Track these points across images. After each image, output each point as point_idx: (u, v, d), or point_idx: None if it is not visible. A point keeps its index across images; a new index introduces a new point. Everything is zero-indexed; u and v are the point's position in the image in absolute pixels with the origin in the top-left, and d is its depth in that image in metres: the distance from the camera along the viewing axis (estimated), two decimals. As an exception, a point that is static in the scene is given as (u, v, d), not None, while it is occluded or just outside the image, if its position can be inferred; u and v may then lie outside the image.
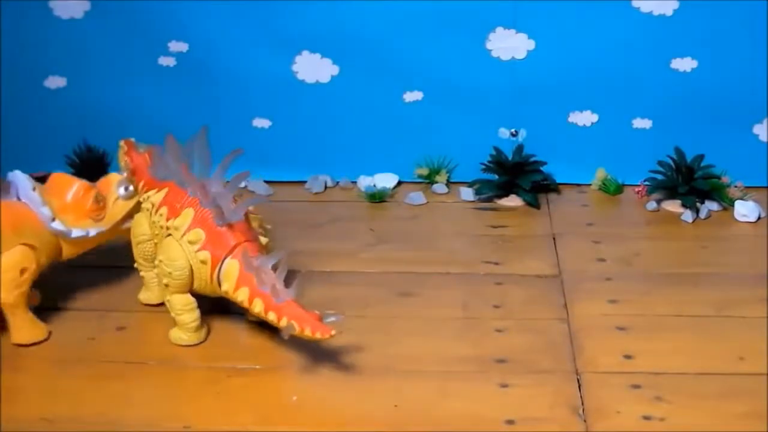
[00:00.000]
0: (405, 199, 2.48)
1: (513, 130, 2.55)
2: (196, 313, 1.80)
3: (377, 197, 2.48)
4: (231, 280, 1.70)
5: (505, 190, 2.48)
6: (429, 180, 2.57)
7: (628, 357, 1.75)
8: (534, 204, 2.45)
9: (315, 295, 1.99)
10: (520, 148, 2.52)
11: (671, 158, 2.43)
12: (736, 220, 2.35)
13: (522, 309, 1.94)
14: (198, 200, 1.76)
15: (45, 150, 2.59)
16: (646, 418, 1.57)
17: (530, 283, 2.05)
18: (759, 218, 2.35)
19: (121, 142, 1.98)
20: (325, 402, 1.63)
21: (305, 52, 2.51)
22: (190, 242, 1.73)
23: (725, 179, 2.43)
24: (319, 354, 1.77)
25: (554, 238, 2.27)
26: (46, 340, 1.85)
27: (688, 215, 2.35)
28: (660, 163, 2.44)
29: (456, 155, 2.58)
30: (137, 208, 1.93)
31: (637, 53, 2.45)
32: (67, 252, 1.92)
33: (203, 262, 1.72)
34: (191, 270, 1.74)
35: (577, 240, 2.25)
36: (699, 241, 2.25)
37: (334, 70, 2.53)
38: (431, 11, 2.45)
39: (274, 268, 1.67)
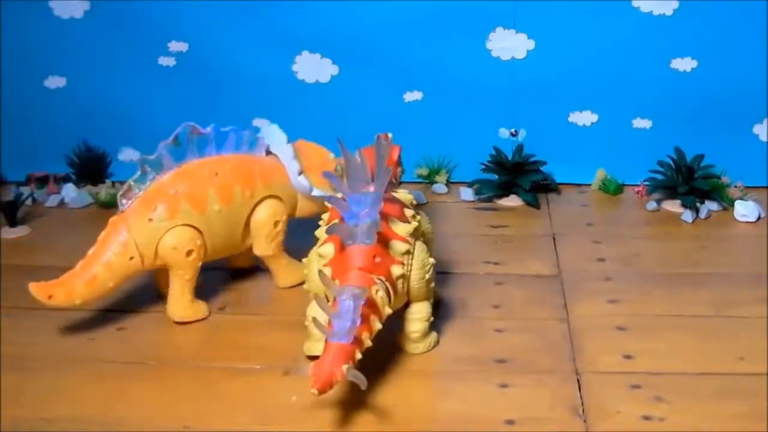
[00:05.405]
0: (405, 199, 2.47)
1: (513, 130, 2.55)
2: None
3: (377, 197, 2.48)
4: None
5: (504, 190, 2.48)
6: (429, 180, 2.57)
7: (627, 357, 1.75)
8: (534, 204, 2.45)
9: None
10: (519, 148, 2.52)
11: (671, 158, 2.43)
12: (736, 220, 2.35)
13: (522, 309, 1.94)
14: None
15: (45, 150, 2.60)
16: (646, 418, 1.57)
17: (530, 283, 2.05)
18: (759, 218, 2.35)
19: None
20: (325, 402, 1.62)
21: (305, 52, 2.52)
22: (320, 255, 1.69)
23: (725, 179, 2.43)
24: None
25: (554, 238, 2.27)
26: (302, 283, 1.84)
27: (688, 215, 2.35)
28: (660, 163, 2.45)
29: (456, 155, 2.58)
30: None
31: (637, 53, 2.45)
32: (300, 211, 2.05)
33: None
34: None
35: (577, 240, 2.25)
36: (699, 241, 2.25)
37: (334, 70, 2.53)
38: (431, 11, 2.45)
39: (350, 304, 1.56)
